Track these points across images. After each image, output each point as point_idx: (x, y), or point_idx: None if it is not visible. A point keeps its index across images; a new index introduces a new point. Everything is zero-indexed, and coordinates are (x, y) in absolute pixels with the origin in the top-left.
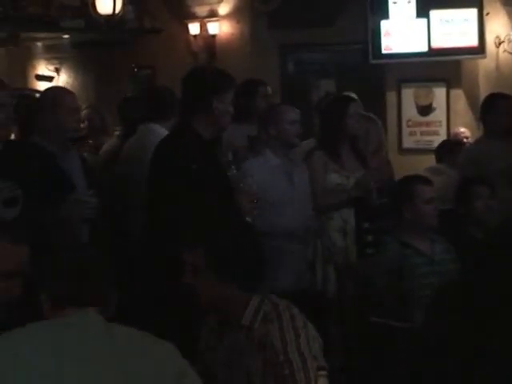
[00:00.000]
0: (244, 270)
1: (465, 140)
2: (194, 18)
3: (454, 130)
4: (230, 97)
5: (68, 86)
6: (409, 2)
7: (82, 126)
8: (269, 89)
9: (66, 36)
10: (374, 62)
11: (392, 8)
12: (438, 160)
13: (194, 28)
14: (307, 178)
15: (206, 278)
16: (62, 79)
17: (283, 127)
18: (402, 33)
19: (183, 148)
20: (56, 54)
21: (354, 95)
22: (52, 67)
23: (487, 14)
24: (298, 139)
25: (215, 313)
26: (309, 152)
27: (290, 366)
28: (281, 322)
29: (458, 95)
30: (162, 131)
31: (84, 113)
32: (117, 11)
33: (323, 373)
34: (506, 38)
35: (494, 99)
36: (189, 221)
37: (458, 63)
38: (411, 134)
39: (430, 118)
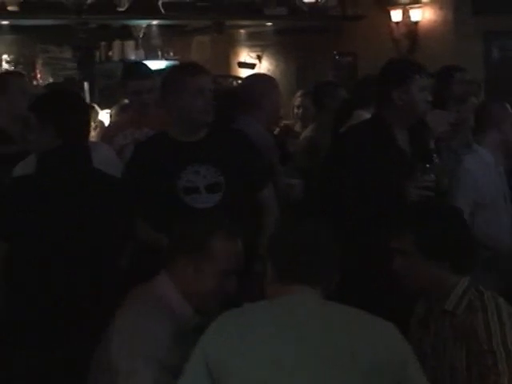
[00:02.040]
0: (455, 247)
1: None
2: (396, 4)
3: None
4: (417, 86)
5: (269, 73)
6: None
7: (296, 112)
8: (466, 75)
9: (269, 23)
10: None
11: None
12: None
13: (396, 15)
14: None
15: (416, 262)
16: (264, 66)
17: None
18: None
19: (360, 137)
20: (258, 42)
21: None
22: (254, 54)
23: None
24: None
25: (424, 297)
26: None
27: (494, 357)
28: (485, 311)
29: None
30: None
31: (298, 100)
32: None
33: None
34: None
35: None
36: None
37: None
38: None
39: None
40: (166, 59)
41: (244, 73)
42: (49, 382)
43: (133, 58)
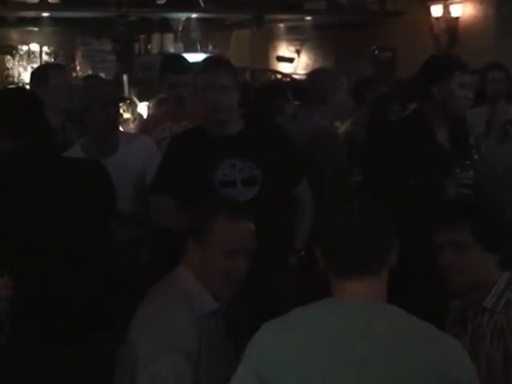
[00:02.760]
0: (509, 240)
1: None
2: (436, 0)
3: None
4: (456, 83)
5: (308, 68)
6: None
7: None
8: (501, 73)
9: (308, 18)
10: None
11: None
12: None
13: (436, 10)
14: None
15: (474, 255)
16: (302, 61)
17: None
18: None
19: (401, 131)
20: (297, 36)
21: None
22: (293, 48)
23: None
24: None
25: (463, 295)
26: None
27: None
28: None
29: None
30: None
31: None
32: None
33: None
34: None
35: None
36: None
37: None
38: None
39: None
40: (205, 53)
41: (282, 67)
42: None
43: (172, 51)
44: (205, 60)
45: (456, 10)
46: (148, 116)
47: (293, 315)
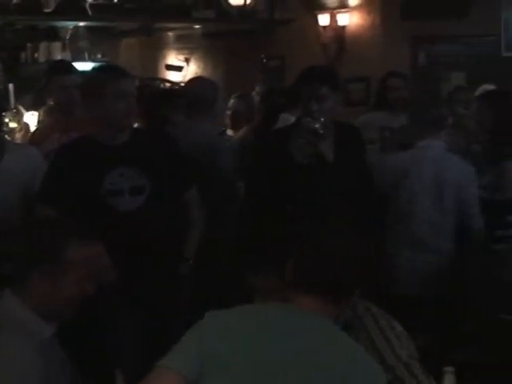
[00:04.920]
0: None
1: None
2: (324, 9)
3: None
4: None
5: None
6: None
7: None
8: (397, 81)
9: (198, 26)
10: (506, 54)
11: None
12: None
13: (323, 19)
14: None
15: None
16: (191, 69)
17: None
18: None
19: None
20: (186, 44)
21: (492, 87)
22: (182, 57)
23: None
24: None
25: None
26: None
27: (394, 371)
28: (367, 330)
29: None
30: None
31: (232, 102)
32: (248, 2)
33: (449, 369)
34: None
35: None
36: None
37: None
38: None
39: None
40: (94, 61)
41: (172, 75)
42: None
43: None
44: (106, 67)
45: (343, 19)
46: (37, 126)
47: (242, 308)
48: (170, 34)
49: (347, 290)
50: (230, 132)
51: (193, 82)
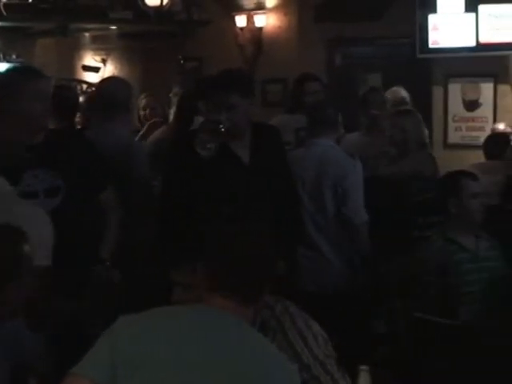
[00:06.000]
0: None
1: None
2: (241, 10)
3: (493, 126)
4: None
5: None
6: None
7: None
8: (314, 84)
9: (114, 27)
10: (420, 56)
11: (440, 2)
12: (486, 156)
13: (240, 20)
14: None
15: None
16: (109, 70)
17: None
18: (449, 27)
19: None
20: (103, 45)
21: (402, 90)
22: (99, 58)
23: None
24: None
25: None
26: None
27: (310, 370)
28: (283, 330)
29: (506, 91)
30: None
31: (143, 101)
32: (165, 3)
33: (364, 367)
34: None
35: None
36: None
37: (506, 58)
38: (457, 129)
39: (477, 113)
40: (9, 62)
41: (88, 76)
42: None
43: None
44: (22, 68)
45: (260, 21)
46: None
47: (155, 311)
48: (87, 34)
49: (255, 289)
50: (141, 132)
51: (105, 82)
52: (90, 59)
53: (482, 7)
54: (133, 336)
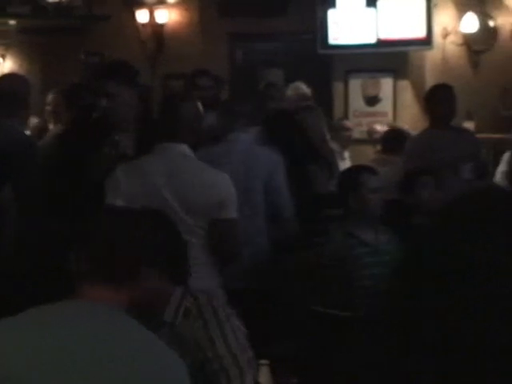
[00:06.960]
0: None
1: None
2: (142, 5)
3: (391, 124)
4: None
5: None
6: None
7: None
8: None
9: (13, 22)
10: (321, 52)
11: None
12: (384, 150)
13: (142, 16)
14: None
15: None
16: (7, 66)
17: None
18: (349, 23)
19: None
20: (1, 40)
21: (303, 85)
22: None
23: (435, 5)
24: None
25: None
26: None
27: (221, 361)
28: (204, 318)
29: (405, 86)
30: None
31: (51, 97)
32: None
33: (264, 362)
34: (453, 30)
35: (435, 89)
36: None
37: (405, 54)
38: (357, 124)
39: (377, 108)
40: None
41: None
42: None
43: None
44: None
45: (161, 16)
46: None
47: (27, 314)
48: None
49: (124, 275)
50: (51, 127)
51: (4, 78)
52: None
53: (381, 3)
54: (5, 350)
